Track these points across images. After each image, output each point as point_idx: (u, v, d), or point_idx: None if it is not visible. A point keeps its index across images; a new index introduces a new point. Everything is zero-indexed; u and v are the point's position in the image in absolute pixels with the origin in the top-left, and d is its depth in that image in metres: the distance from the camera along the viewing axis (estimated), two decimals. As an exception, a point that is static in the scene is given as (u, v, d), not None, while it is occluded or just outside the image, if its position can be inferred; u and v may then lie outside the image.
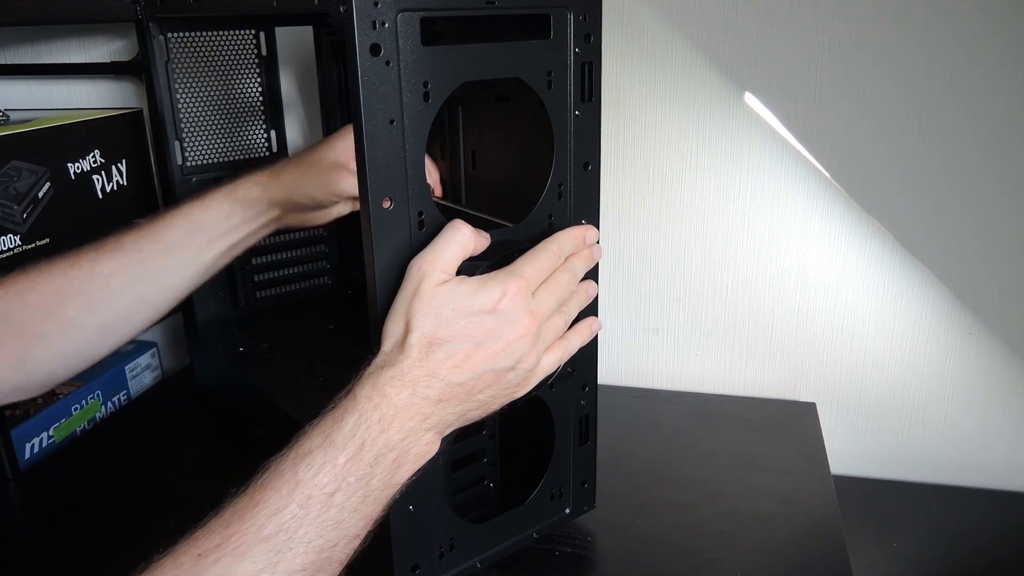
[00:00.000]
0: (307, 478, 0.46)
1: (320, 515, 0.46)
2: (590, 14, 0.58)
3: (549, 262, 0.55)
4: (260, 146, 0.93)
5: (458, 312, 0.50)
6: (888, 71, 0.85)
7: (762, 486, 0.78)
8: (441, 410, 0.51)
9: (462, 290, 0.51)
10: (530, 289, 0.53)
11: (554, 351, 0.56)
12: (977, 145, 0.85)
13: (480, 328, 0.50)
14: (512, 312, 0.51)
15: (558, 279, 0.55)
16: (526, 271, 0.53)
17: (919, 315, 0.91)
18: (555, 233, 0.57)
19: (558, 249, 0.56)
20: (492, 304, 0.51)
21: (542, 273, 0.54)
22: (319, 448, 0.47)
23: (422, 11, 0.51)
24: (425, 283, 0.51)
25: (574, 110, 0.60)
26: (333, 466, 0.46)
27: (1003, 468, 0.93)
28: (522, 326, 0.51)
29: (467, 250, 0.53)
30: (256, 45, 0.90)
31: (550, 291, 0.54)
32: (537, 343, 0.53)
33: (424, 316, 0.50)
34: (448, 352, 0.50)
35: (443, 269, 0.51)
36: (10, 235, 0.82)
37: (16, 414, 0.92)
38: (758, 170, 0.91)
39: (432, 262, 0.51)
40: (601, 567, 0.68)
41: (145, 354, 1.08)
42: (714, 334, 0.99)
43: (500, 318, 0.51)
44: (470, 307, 0.50)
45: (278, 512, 0.45)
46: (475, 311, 0.50)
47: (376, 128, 0.50)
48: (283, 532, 0.44)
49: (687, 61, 0.90)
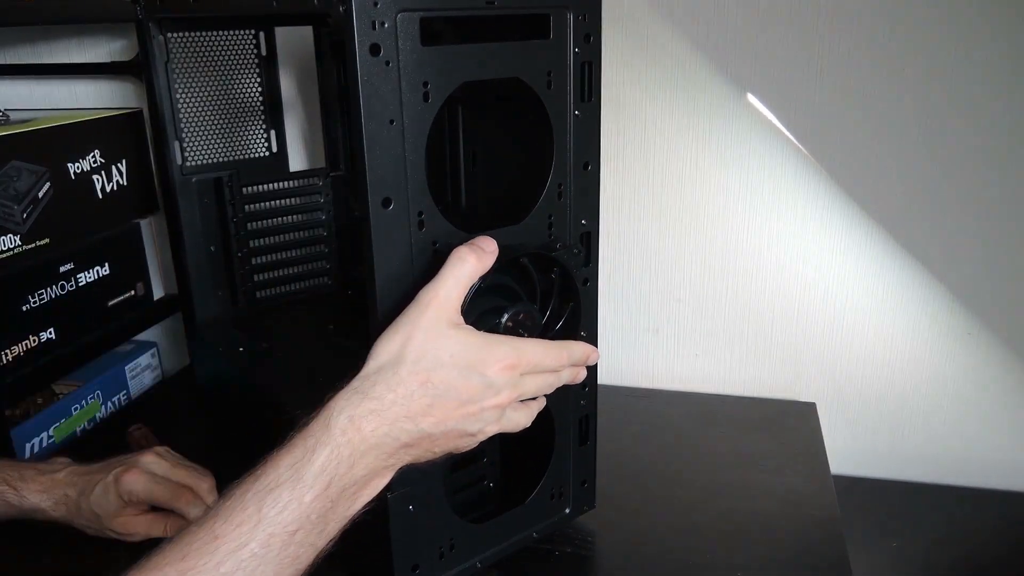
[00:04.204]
0: (271, 515, 0.45)
1: (279, 553, 0.45)
2: (590, 14, 0.58)
3: (552, 362, 0.55)
4: (260, 146, 0.93)
5: (455, 360, 0.50)
6: (888, 71, 0.85)
7: (762, 486, 0.78)
8: (403, 452, 0.50)
9: (466, 341, 0.51)
10: (524, 370, 0.53)
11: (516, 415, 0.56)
12: (977, 145, 0.85)
13: (467, 386, 0.50)
14: (499, 383, 0.51)
15: (547, 379, 0.56)
16: (530, 356, 0.53)
17: (919, 315, 0.91)
18: (572, 342, 0.58)
19: (566, 357, 0.56)
20: (488, 367, 0.51)
21: (542, 366, 0.55)
22: (287, 483, 0.46)
23: (422, 11, 0.51)
24: (433, 316, 0.51)
25: (574, 110, 0.60)
26: (299, 504, 0.46)
27: (1003, 468, 0.93)
28: (500, 398, 0.52)
29: (475, 277, 0.53)
30: (256, 45, 0.90)
31: (536, 383, 0.55)
32: (502, 418, 0.53)
33: (422, 351, 0.50)
34: (432, 401, 0.50)
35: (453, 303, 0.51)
36: (10, 235, 0.82)
37: (16, 414, 0.92)
38: (758, 170, 0.91)
39: (444, 297, 0.51)
40: (601, 567, 0.68)
41: (145, 354, 1.08)
42: (714, 334, 0.99)
43: (487, 384, 0.51)
44: (467, 360, 0.50)
45: (238, 550, 0.44)
46: (470, 366, 0.50)
47: (376, 128, 0.50)
48: (240, 571, 0.44)
49: (687, 61, 0.90)
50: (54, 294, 0.88)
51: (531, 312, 0.57)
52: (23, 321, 0.84)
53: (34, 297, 0.86)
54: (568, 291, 0.60)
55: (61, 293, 0.89)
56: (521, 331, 0.56)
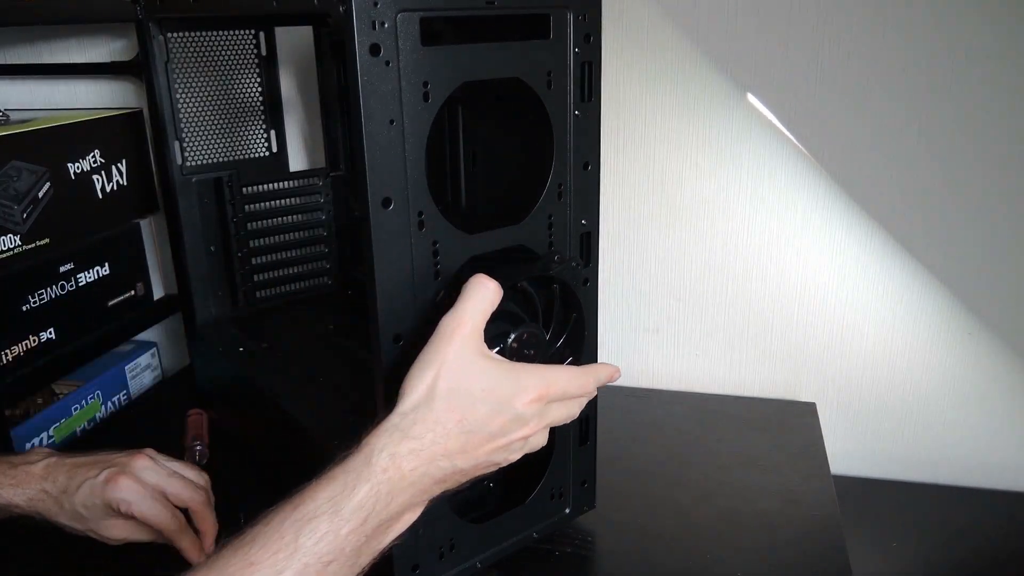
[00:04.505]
0: (307, 545, 0.45)
1: None
2: (590, 14, 0.58)
3: (579, 388, 0.56)
4: (260, 146, 0.93)
5: (487, 396, 0.51)
6: (888, 71, 0.85)
7: (762, 486, 0.78)
8: (437, 488, 0.51)
9: (497, 373, 0.51)
10: (551, 399, 0.54)
11: None
12: (977, 145, 0.85)
13: (499, 421, 0.51)
14: (528, 415, 0.52)
15: (571, 407, 0.56)
16: (558, 384, 0.54)
17: (919, 315, 0.91)
18: (597, 366, 0.58)
19: (592, 382, 0.57)
20: (518, 400, 0.51)
21: (568, 394, 0.55)
22: (325, 515, 0.46)
23: (422, 11, 0.51)
24: (460, 347, 0.51)
25: (574, 110, 0.60)
26: (335, 536, 0.46)
27: (1003, 468, 0.93)
28: (527, 429, 0.53)
29: (496, 304, 0.53)
30: (256, 45, 0.90)
31: (561, 413, 0.55)
32: (525, 446, 0.54)
33: (454, 384, 0.50)
34: (467, 438, 0.50)
35: (477, 331, 0.52)
36: (10, 235, 0.82)
37: (16, 414, 0.92)
38: (758, 170, 0.91)
39: (469, 326, 0.51)
40: (601, 567, 0.68)
41: (145, 354, 1.08)
42: (714, 334, 0.99)
43: (517, 417, 0.52)
44: (498, 395, 0.51)
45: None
46: (501, 401, 0.51)
47: (376, 128, 0.50)
48: None
49: (687, 61, 0.90)
50: (54, 294, 0.88)
51: (535, 332, 0.57)
52: (23, 321, 0.84)
53: (34, 297, 0.86)
54: (570, 303, 0.60)
55: (61, 293, 0.89)
56: (526, 351, 0.57)
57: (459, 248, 0.57)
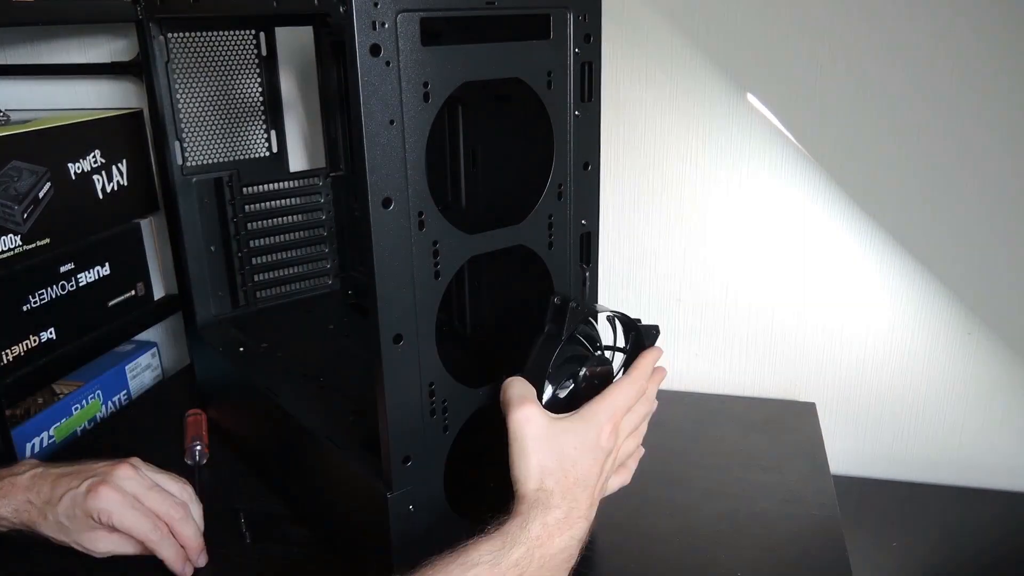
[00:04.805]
0: None
1: None
2: (590, 14, 0.58)
3: (635, 392, 0.60)
4: (260, 146, 0.93)
5: (580, 450, 0.56)
6: (888, 71, 0.85)
7: (762, 486, 0.78)
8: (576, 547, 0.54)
9: (575, 429, 0.56)
10: (621, 420, 0.59)
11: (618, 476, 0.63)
12: (977, 146, 0.85)
13: (596, 463, 0.56)
14: (610, 444, 0.58)
15: (638, 411, 0.61)
16: (619, 404, 0.58)
17: (919, 315, 0.91)
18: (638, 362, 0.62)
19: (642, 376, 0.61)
20: (600, 441, 0.57)
21: (629, 404, 0.60)
22: (486, 564, 0.50)
23: (422, 11, 0.51)
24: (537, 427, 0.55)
25: (574, 110, 0.60)
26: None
27: (1003, 468, 0.93)
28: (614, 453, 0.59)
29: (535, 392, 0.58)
30: (256, 45, 0.90)
31: (631, 421, 0.61)
32: (615, 464, 0.60)
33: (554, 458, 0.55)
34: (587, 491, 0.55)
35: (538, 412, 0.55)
36: (10, 235, 0.82)
37: (16, 414, 0.92)
38: (758, 170, 0.91)
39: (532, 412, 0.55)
40: (601, 567, 0.68)
41: (145, 354, 1.08)
42: (714, 334, 0.99)
43: (603, 451, 0.57)
44: (586, 444, 0.56)
45: None
46: (590, 448, 0.56)
47: (376, 128, 0.50)
48: None
49: (687, 61, 0.90)
50: (54, 294, 0.88)
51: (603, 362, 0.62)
52: (23, 321, 0.85)
53: (34, 297, 0.86)
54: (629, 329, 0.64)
55: (61, 293, 0.89)
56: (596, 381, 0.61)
57: (459, 248, 0.57)
